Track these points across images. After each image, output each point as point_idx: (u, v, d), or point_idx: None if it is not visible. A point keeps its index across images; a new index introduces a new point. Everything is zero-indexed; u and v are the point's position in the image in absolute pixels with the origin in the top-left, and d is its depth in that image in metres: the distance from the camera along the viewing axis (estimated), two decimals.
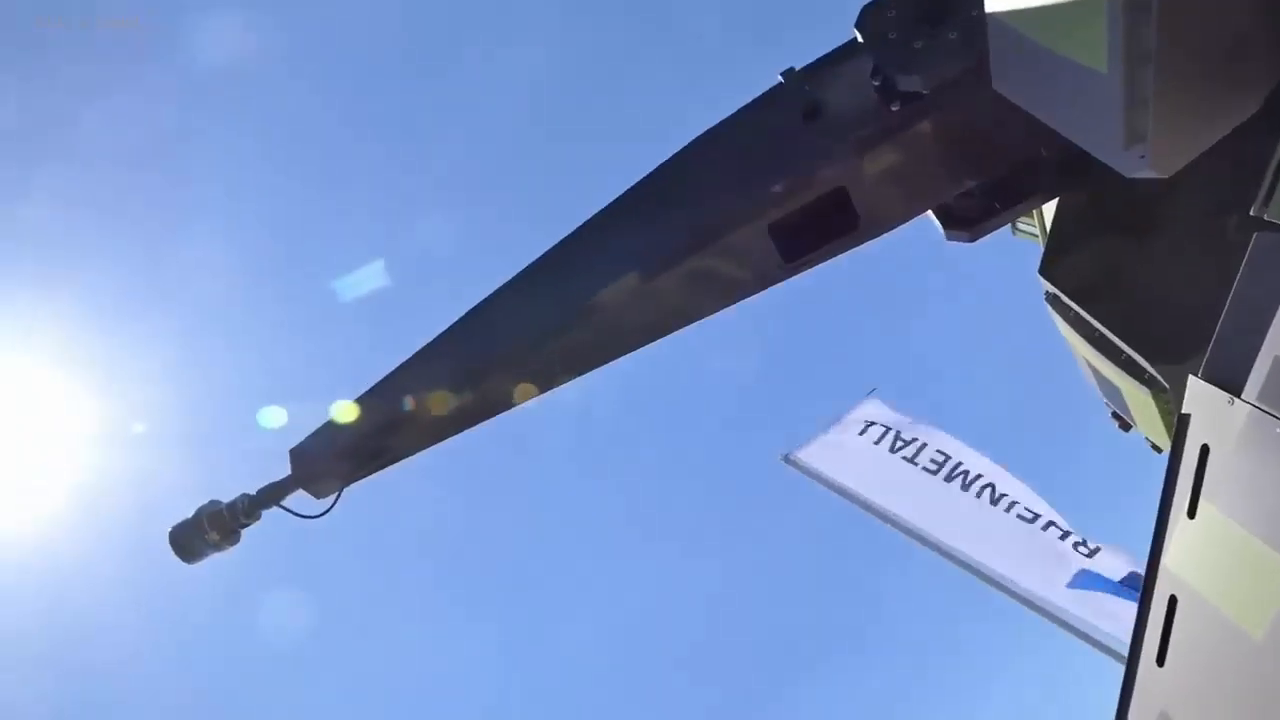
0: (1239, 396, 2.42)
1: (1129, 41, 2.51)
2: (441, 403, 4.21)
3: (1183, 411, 2.65)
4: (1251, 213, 2.48)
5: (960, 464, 10.67)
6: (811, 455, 11.23)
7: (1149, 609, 2.71)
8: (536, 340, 4.21)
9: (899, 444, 11.01)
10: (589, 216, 4.26)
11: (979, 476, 10.46)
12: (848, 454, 11.08)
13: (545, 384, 4.36)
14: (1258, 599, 2.35)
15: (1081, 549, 9.85)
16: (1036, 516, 10.11)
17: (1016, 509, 10.19)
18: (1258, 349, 2.41)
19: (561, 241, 4.26)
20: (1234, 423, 2.43)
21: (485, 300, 4.28)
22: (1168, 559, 2.65)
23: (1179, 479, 2.62)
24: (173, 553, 4.22)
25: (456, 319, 4.27)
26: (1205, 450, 2.52)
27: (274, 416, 4.46)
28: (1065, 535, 9.95)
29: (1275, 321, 2.38)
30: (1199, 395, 2.58)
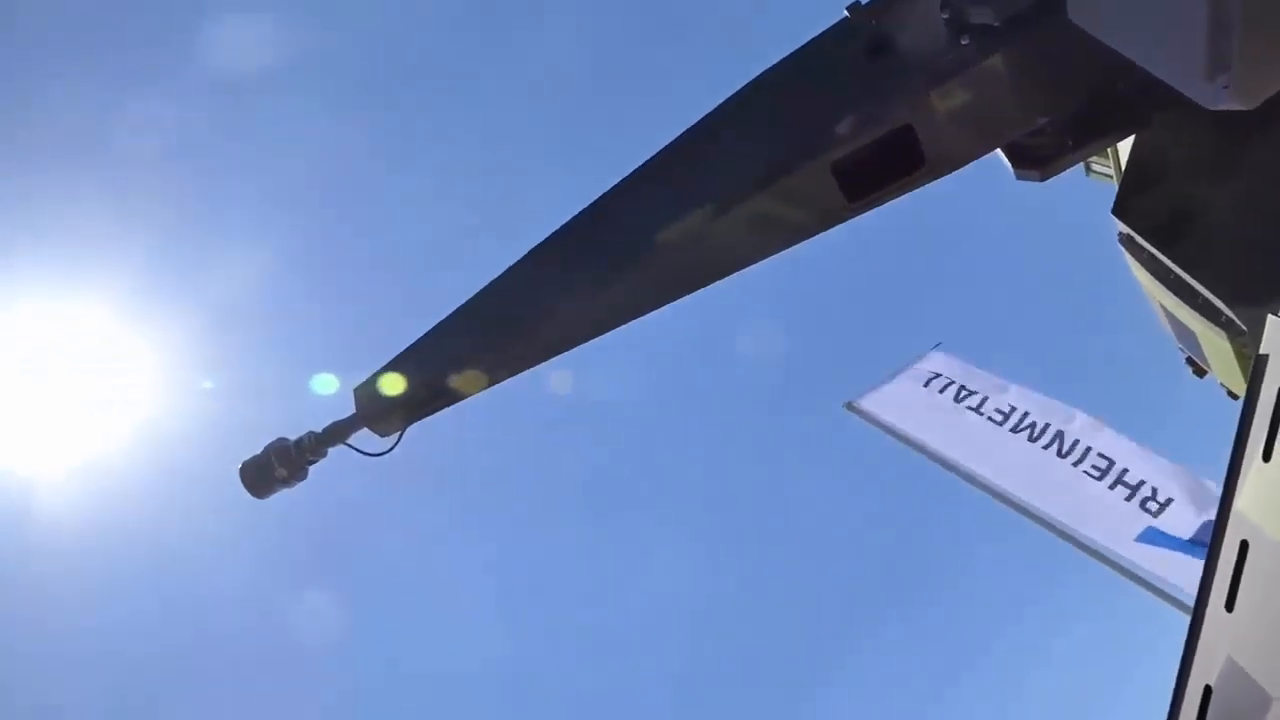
0: None
1: None
2: (500, 345, 4.25)
3: (1261, 352, 2.57)
4: None
5: (1027, 414, 10.50)
6: (874, 403, 11.18)
7: (1219, 553, 2.66)
8: (596, 282, 4.20)
9: (964, 394, 10.89)
10: (649, 157, 4.22)
11: (1048, 426, 10.28)
12: (911, 404, 10.99)
13: (603, 326, 4.36)
14: None
15: (1151, 504, 9.66)
16: (1106, 471, 9.92)
17: (1086, 462, 10.01)
18: None
19: (621, 182, 4.24)
20: None
21: (544, 241, 4.28)
22: (1240, 502, 2.59)
23: (1255, 421, 2.54)
24: (243, 487, 4.34)
25: (516, 260, 4.28)
26: None
27: (327, 384, 4.52)
28: (1133, 491, 9.76)
29: None
30: (1278, 335, 2.49)
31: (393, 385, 4.28)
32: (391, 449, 4.38)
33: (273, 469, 4.31)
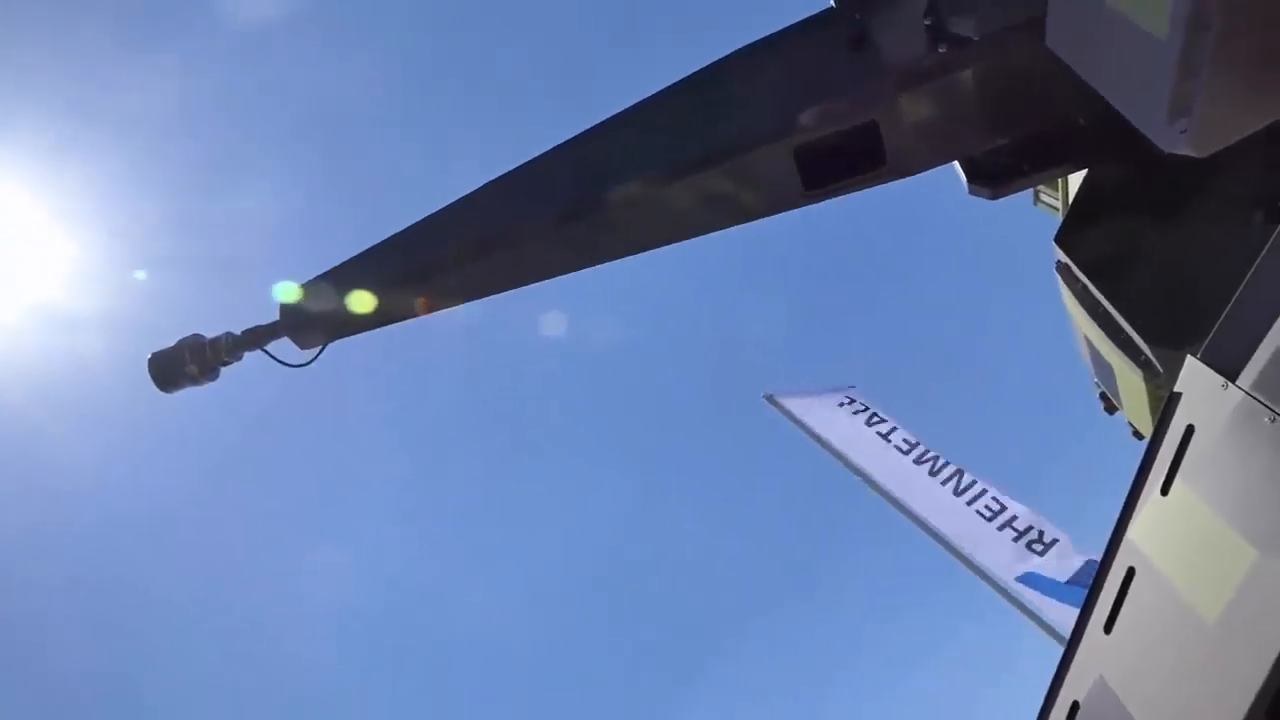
0: (1233, 382, 2.43)
1: (1193, 9, 2.46)
2: (438, 272, 4.20)
3: (1175, 390, 2.66)
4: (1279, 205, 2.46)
5: (930, 451, 10.85)
6: (794, 402, 11.40)
7: (1106, 576, 2.76)
8: (541, 227, 4.17)
9: (875, 420, 11.21)
10: (621, 109, 4.20)
11: (946, 464, 10.66)
12: (825, 413, 11.27)
13: (541, 272, 4.35)
14: (1215, 582, 2.39)
15: (1036, 545, 10.04)
16: (996, 514, 10.30)
17: (980, 503, 10.39)
18: (1261, 338, 2.41)
19: (588, 130, 4.20)
20: (1224, 407, 2.44)
21: (497, 179, 4.23)
22: (1134, 531, 2.69)
23: (1159, 455, 2.64)
24: (150, 379, 4.24)
25: (467, 193, 4.23)
26: (1190, 430, 2.54)
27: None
28: (1021, 535, 10.15)
29: None
30: (1194, 376, 2.59)
31: (320, 298, 4.21)
32: (310, 363, 4.32)
33: (183, 364, 4.22)
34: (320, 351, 4.36)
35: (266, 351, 4.35)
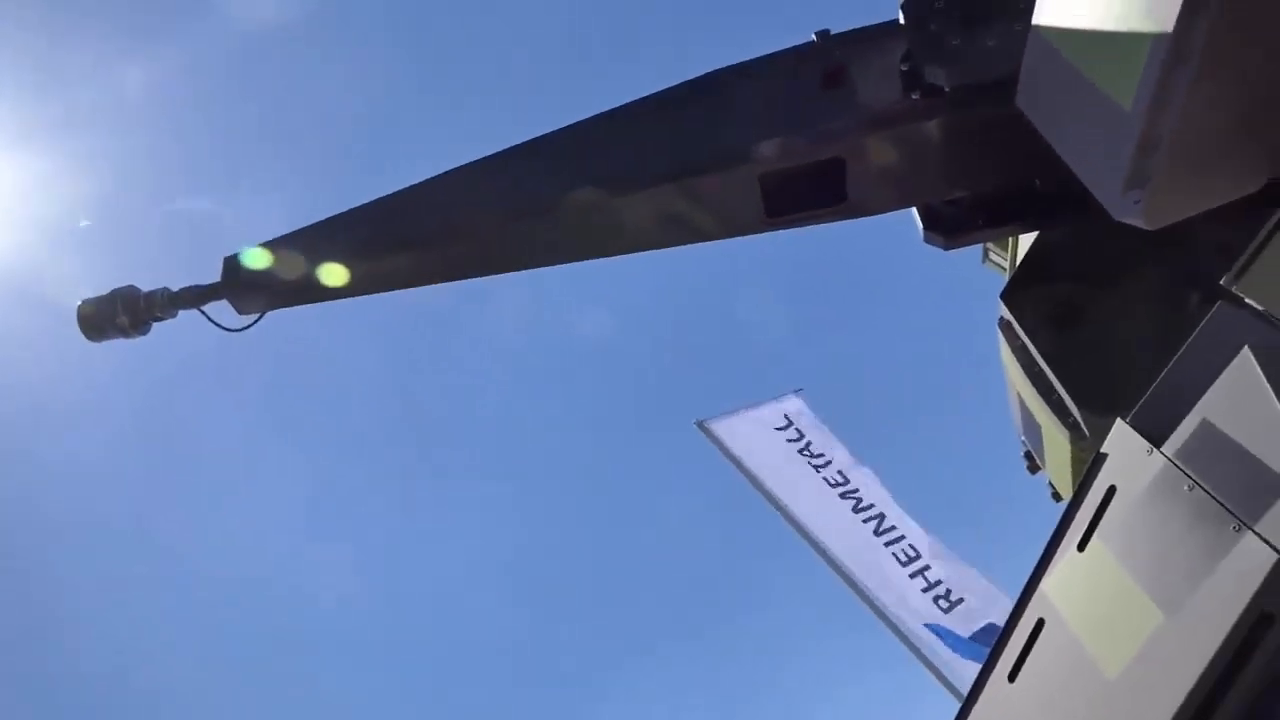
0: (1158, 448, 2.50)
1: (1161, 85, 2.53)
2: (388, 253, 4.16)
3: (1101, 450, 2.73)
4: (1222, 282, 2.54)
5: (857, 490, 10.98)
6: (724, 429, 11.39)
7: (1015, 626, 2.81)
8: (495, 218, 4.16)
9: (807, 452, 11.28)
10: (592, 115, 4.20)
11: (871, 506, 10.79)
12: (758, 439, 11.31)
13: (489, 266, 4.33)
14: (1120, 640, 2.45)
15: (943, 602, 10.21)
16: (911, 561, 10.44)
17: (896, 547, 10.52)
18: (1189, 408, 2.49)
19: (556, 131, 4.20)
20: (1147, 472, 2.51)
21: (464, 166, 4.21)
22: (1047, 584, 2.74)
23: (1079, 512, 2.70)
24: (78, 326, 4.12)
25: (432, 176, 4.19)
26: (1112, 491, 2.60)
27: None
28: (930, 586, 10.31)
29: (1213, 388, 2.46)
30: (1121, 439, 2.66)
31: (265, 262, 4.13)
32: (247, 328, 4.23)
33: (114, 314, 4.11)
34: (258, 319, 4.28)
35: (203, 312, 4.25)
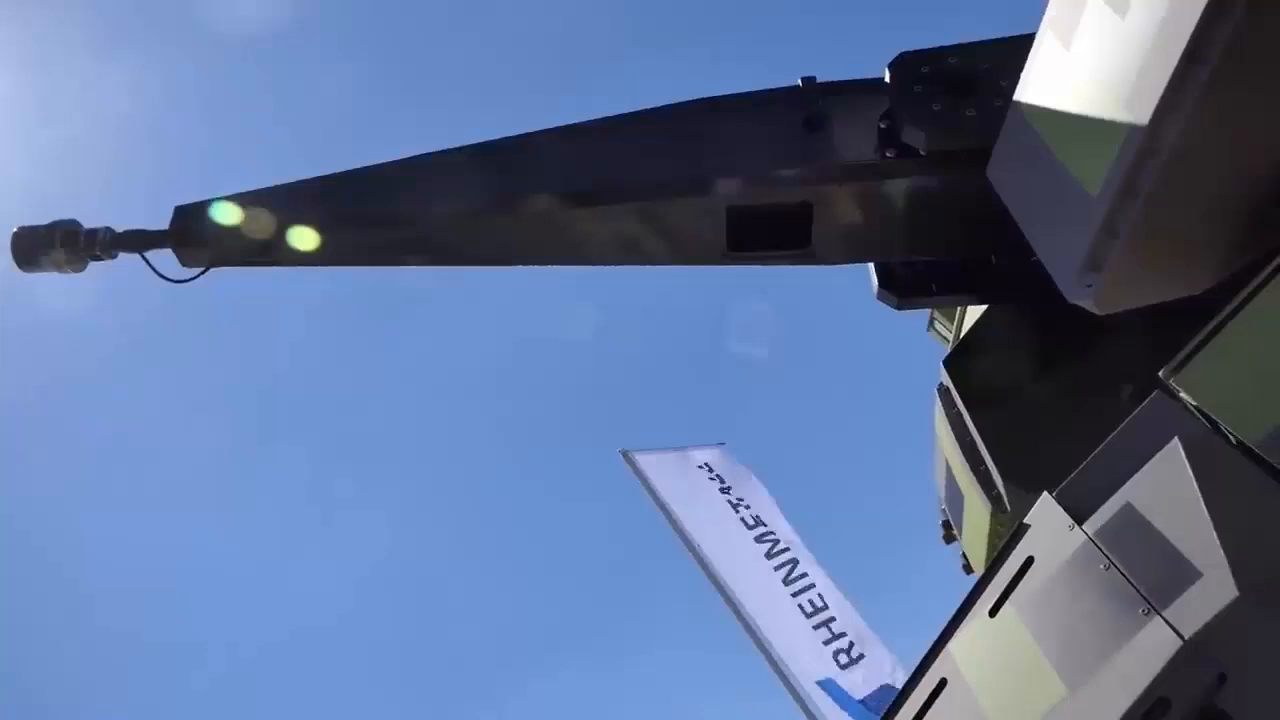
0: (1080, 525, 2.55)
1: (1130, 175, 2.62)
2: (341, 227, 4.11)
3: (1024, 521, 2.77)
4: (1160, 374, 2.60)
5: (773, 533, 10.99)
6: (649, 462, 11.35)
7: (918, 683, 2.83)
8: (452, 209, 4.14)
9: (727, 492, 11.29)
10: (566, 124, 4.21)
11: (785, 550, 10.81)
12: (679, 475, 11.28)
13: (438, 256, 4.32)
14: (1020, 709, 2.48)
15: (842, 656, 10.25)
16: (816, 611, 10.47)
17: (804, 597, 10.55)
18: (1114, 491, 2.55)
19: (529, 133, 4.19)
20: (1066, 547, 2.56)
21: (432, 153, 4.17)
22: (954, 645, 2.77)
23: (995, 578, 2.74)
24: (10, 252, 4.00)
25: (401, 158, 4.15)
26: (1030, 561, 2.65)
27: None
28: (834, 638, 10.35)
29: (1140, 474, 2.52)
30: (1044, 512, 2.70)
31: (217, 217, 4.04)
32: (187, 281, 4.13)
33: (51, 245, 3.99)
34: (201, 273, 4.18)
35: (145, 258, 4.15)
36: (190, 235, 4.07)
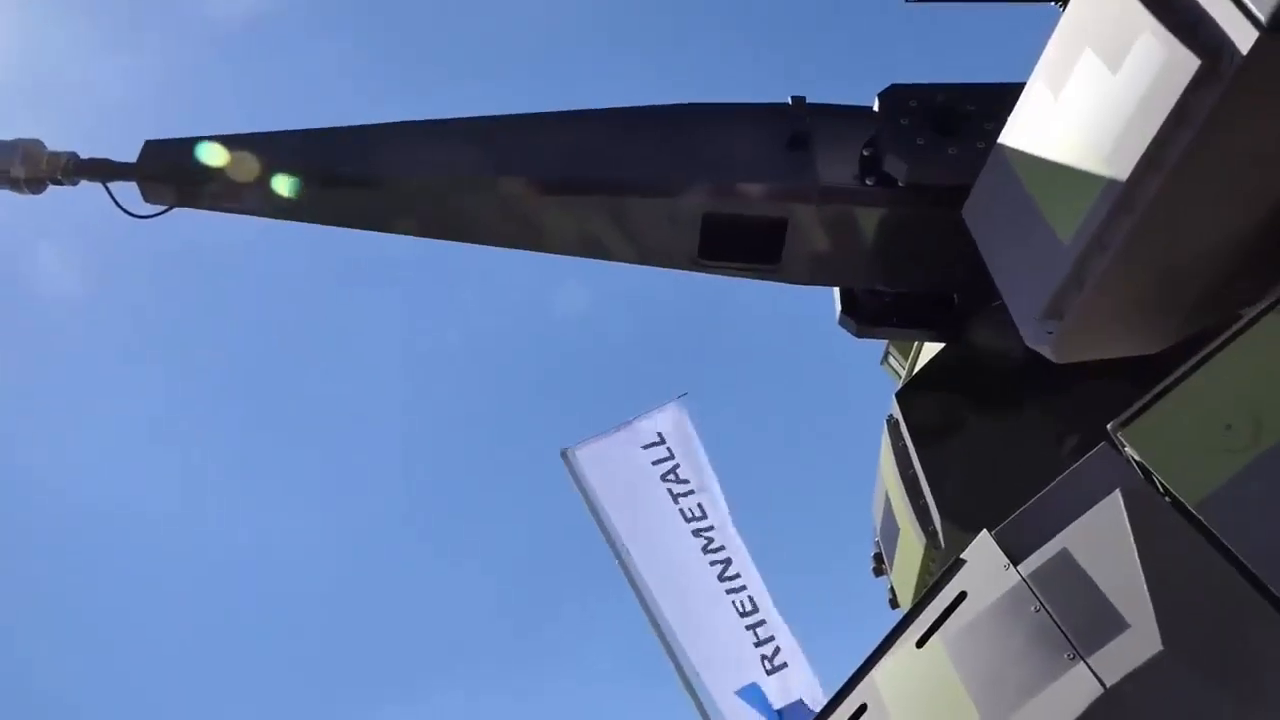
0: (1015, 565, 2.57)
1: (1103, 228, 2.65)
2: (318, 184, 4.05)
3: (961, 556, 2.80)
4: (1108, 427, 2.64)
5: (712, 527, 10.88)
6: (587, 456, 11.16)
7: (838, 705, 2.83)
8: (422, 181, 4.10)
9: (671, 477, 11.10)
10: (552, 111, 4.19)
11: (722, 548, 10.72)
12: (620, 466, 11.05)
13: (403, 226, 4.29)
14: None
15: (767, 662, 10.23)
16: (748, 614, 10.43)
17: (737, 596, 10.49)
18: (1052, 535, 2.57)
19: (511, 115, 4.17)
20: (999, 585, 2.58)
21: (413, 122, 4.13)
22: (878, 673, 2.78)
23: (926, 610, 2.75)
24: None
25: (388, 123, 4.12)
26: (962, 596, 2.66)
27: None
28: (762, 643, 10.32)
29: (1079, 521, 2.55)
30: (982, 549, 2.73)
31: (186, 156, 3.97)
32: (148, 217, 4.06)
33: (10, 163, 3.90)
34: (164, 211, 4.10)
35: (108, 189, 4.06)
36: (158, 171, 4.00)
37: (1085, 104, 2.72)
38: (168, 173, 3.98)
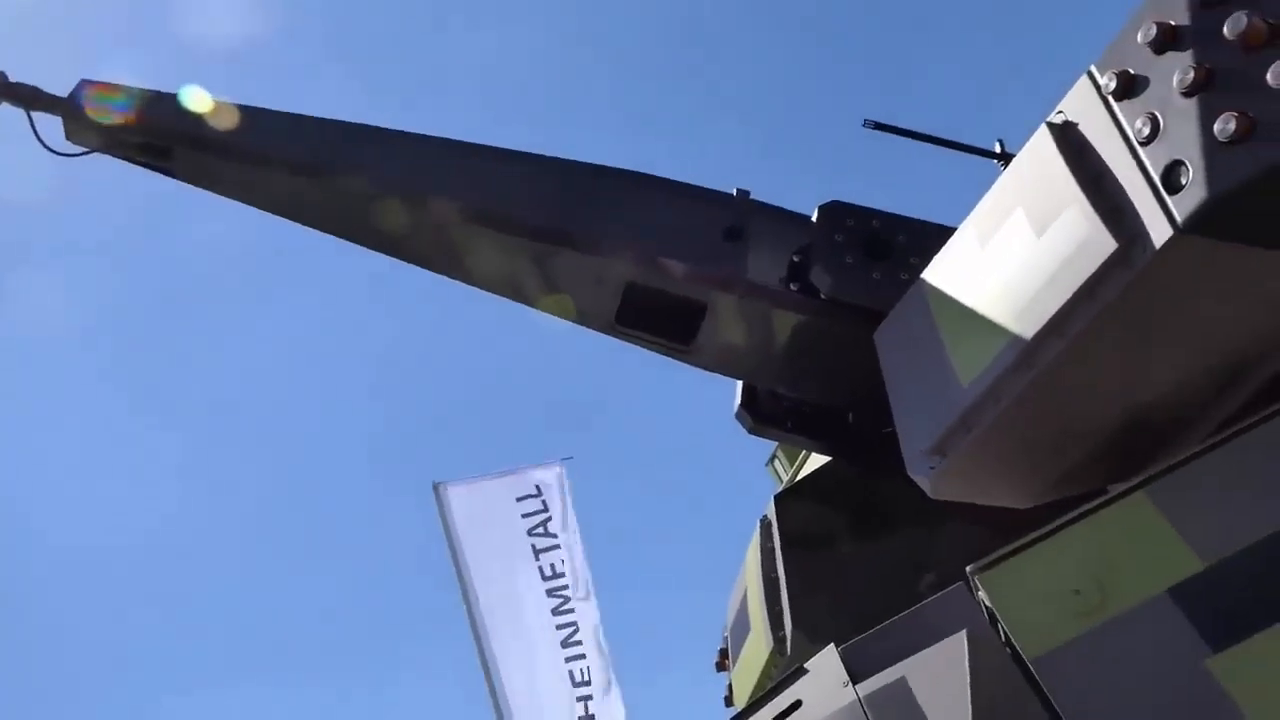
0: (855, 684, 2.61)
1: (999, 380, 2.77)
2: (250, 161, 3.98)
3: (804, 665, 2.83)
4: (967, 569, 2.71)
5: (567, 587, 10.76)
6: (459, 496, 10.99)
7: None
8: (355, 182, 4.09)
9: (540, 530, 10.94)
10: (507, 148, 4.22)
11: (571, 611, 10.61)
12: (491, 510, 10.91)
13: (340, 229, 4.26)
14: None
15: None
16: (581, 684, 10.31)
17: (576, 665, 10.37)
18: (894, 661, 2.62)
19: (465, 142, 4.19)
20: (836, 700, 2.61)
21: (365, 126, 4.12)
22: None
23: (760, 712, 2.77)
24: None
25: (344, 121, 4.10)
26: (797, 704, 2.69)
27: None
28: (587, 717, 10.21)
29: (922, 653, 2.60)
30: (825, 662, 2.76)
31: (119, 102, 3.86)
32: (67, 155, 3.93)
33: None
34: (85, 153, 3.98)
35: (30, 117, 3.92)
36: (95, 109, 3.88)
37: (1007, 259, 2.85)
38: (106, 115, 3.87)
